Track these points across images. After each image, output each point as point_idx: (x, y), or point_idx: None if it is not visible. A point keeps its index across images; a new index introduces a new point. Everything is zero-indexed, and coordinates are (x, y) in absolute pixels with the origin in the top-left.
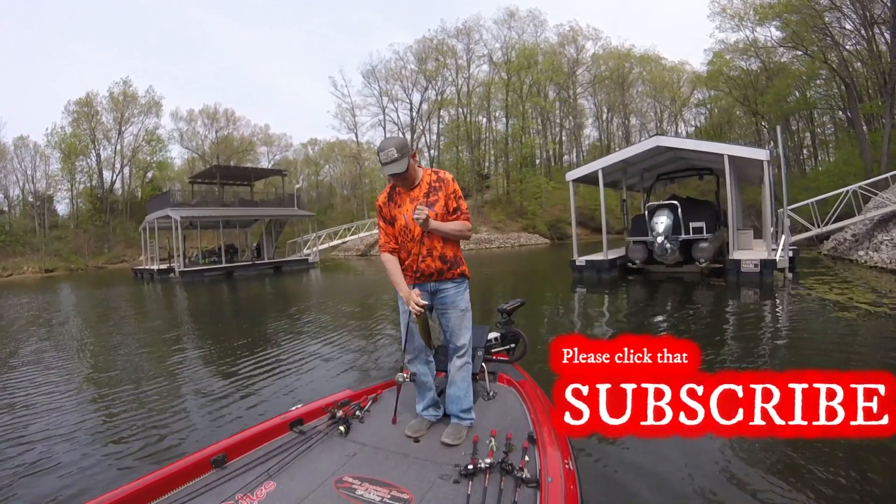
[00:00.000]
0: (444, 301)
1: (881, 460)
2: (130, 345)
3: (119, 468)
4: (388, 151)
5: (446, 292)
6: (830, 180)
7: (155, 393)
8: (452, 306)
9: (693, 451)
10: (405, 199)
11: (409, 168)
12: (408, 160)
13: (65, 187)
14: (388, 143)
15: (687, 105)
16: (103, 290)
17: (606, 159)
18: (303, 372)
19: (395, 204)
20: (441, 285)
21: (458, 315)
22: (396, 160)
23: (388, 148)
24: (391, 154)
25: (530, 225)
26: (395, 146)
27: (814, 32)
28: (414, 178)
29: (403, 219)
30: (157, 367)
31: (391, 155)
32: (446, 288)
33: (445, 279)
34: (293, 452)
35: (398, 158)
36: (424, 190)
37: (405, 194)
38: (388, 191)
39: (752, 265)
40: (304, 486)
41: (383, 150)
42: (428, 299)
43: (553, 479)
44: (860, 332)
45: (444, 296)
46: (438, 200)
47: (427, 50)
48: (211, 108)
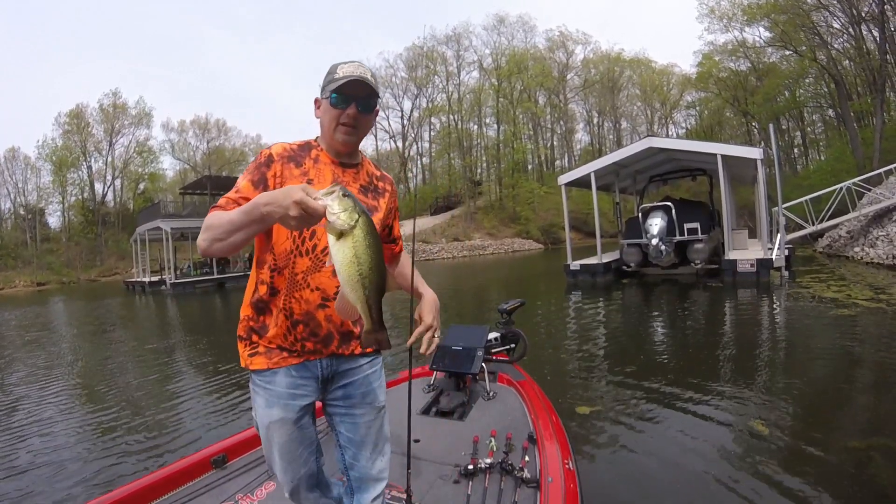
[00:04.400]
0: (352, 394)
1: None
2: (115, 359)
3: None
4: (358, 65)
5: (355, 376)
6: (822, 178)
7: (147, 406)
8: (365, 401)
9: (693, 451)
10: (325, 176)
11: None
12: (377, 107)
13: (56, 200)
14: (353, 61)
15: (677, 107)
16: (93, 304)
17: (599, 162)
18: None
19: (302, 173)
20: (345, 364)
21: (373, 416)
22: (373, 86)
23: (357, 63)
24: (366, 73)
25: (524, 230)
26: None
27: (802, 31)
28: (357, 150)
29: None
30: (145, 381)
31: (366, 74)
32: (357, 368)
33: (354, 352)
34: None
35: (375, 87)
36: (363, 181)
37: (332, 167)
38: (300, 146)
39: (748, 265)
40: None
41: (347, 63)
42: (311, 396)
43: (553, 479)
44: (860, 329)
45: (352, 382)
46: (378, 210)
47: (417, 57)
48: (202, 118)
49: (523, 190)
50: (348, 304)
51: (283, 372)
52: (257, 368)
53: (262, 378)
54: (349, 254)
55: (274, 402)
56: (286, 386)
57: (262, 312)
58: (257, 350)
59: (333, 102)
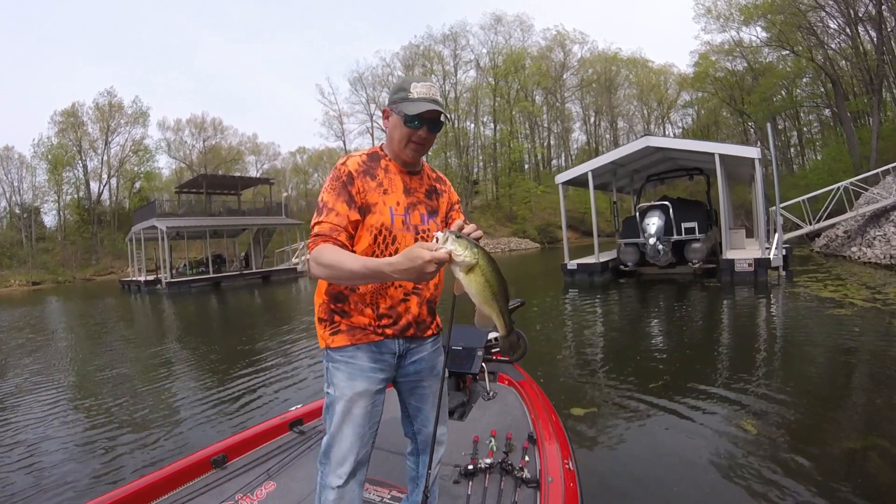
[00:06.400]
0: (419, 368)
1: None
2: (112, 359)
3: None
4: (430, 86)
5: (422, 353)
6: (819, 177)
7: (146, 406)
8: (431, 373)
9: (692, 451)
10: (397, 185)
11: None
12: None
13: (52, 199)
14: (424, 79)
15: (674, 107)
16: (89, 303)
17: (596, 161)
18: (299, 377)
19: (378, 184)
20: (416, 344)
21: (435, 385)
22: (444, 111)
23: (429, 83)
24: (437, 94)
25: (520, 230)
26: (439, 91)
27: (799, 31)
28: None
29: (390, 216)
30: (143, 381)
31: (437, 96)
32: (423, 348)
33: (425, 335)
34: (293, 452)
35: (445, 111)
36: (426, 186)
37: (400, 176)
38: (369, 156)
39: (745, 264)
40: (304, 486)
41: (421, 82)
42: (387, 371)
43: (553, 478)
44: (858, 329)
45: (420, 359)
46: (439, 210)
47: (414, 56)
48: (198, 117)
49: (520, 189)
50: (487, 318)
51: (365, 348)
52: (339, 345)
53: (343, 354)
54: (481, 280)
55: (357, 374)
56: (368, 360)
57: (342, 301)
58: (339, 329)
59: (408, 122)
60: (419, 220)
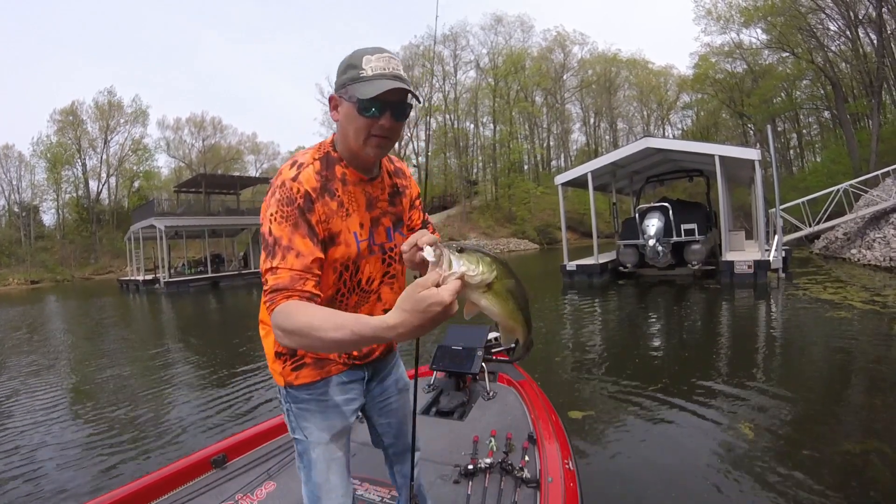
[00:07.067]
0: (385, 386)
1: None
2: (111, 359)
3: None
4: (389, 58)
5: (386, 370)
6: (819, 179)
7: (145, 406)
8: (397, 387)
9: (691, 452)
10: (359, 201)
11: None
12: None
13: (51, 197)
14: (381, 49)
15: (674, 108)
16: (88, 302)
17: (596, 162)
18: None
19: (338, 204)
20: (382, 364)
21: (403, 398)
22: (410, 88)
23: (387, 54)
24: (398, 68)
25: (519, 230)
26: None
27: (799, 34)
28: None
29: (356, 245)
30: (142, 381)
31: (399, 70)
32: (391, 366)
33: (387, 353)
34: (293, 452)
35: (411, 88)
36: (388, 188)
37: (361, 186)
38: (324, 171)
39: (745, 266)
40: None
41: (376, 54)
42: (359, 400)
43: (553, 478)
44: (857, 331)
45: (384, 376)
46: (404, 211)
47: (413, 56)
48: (198, 116)
49: (519, 190)
50: (512, 331)
51: (335, 380)
52: (306, 382)
53: (312, 392)
54: (504, 294)
55: (331, 412)
56: (339, 392)
57: None
58: (304, 363)
59: (363, 110)
60: (385, 237)
